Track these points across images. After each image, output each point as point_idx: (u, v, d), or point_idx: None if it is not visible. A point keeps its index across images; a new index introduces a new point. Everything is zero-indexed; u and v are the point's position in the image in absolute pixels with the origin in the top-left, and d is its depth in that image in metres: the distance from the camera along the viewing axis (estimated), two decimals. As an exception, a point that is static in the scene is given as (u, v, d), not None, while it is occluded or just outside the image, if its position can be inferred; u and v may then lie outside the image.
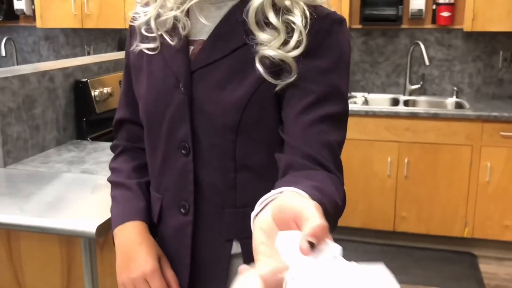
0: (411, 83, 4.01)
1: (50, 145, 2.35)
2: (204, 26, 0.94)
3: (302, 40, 0.86)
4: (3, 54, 4.40)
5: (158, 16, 0.95)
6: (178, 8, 0.92)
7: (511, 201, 3.40)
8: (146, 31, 0.97)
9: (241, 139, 0.92)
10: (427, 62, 3.76)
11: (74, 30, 4.62)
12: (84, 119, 2.51)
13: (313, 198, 0.62)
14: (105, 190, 1.80)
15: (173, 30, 0.95)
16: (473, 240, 3.52)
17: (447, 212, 3.50)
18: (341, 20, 0.91)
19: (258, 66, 0.87)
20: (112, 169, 1.16)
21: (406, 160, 3.49)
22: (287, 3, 0.87)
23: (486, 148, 3.37)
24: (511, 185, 3.38)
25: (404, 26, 3.97)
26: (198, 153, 0.95)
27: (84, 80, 2.49)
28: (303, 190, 0.64)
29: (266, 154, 0.93)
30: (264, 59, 0.87)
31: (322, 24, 0.88)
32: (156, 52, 0.98)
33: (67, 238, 1.65)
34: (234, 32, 0.91)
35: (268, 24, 0.87)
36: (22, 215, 1.58)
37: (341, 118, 0.89)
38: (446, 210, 3.50)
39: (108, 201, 1.17)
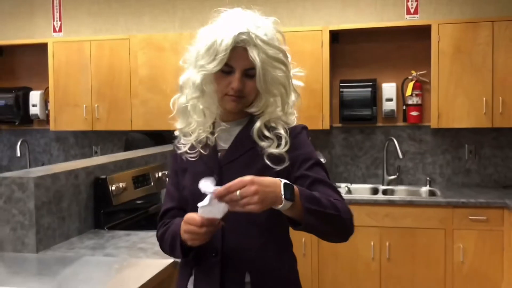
0: (389, 174, 4.44)
1: (73, 234, 2.68)
2: (225, 141, 1.53)
3: (287, 142, 1.46)
4: (18, 154, 4.80)
5: (197, 139, 1.53)
6: (207, 132, 1.53)
7: (485, 279, 3.70)
8: (189, 149, 1.55)
9: None
10: (400, 156, 4.21)
11: (83, 132, 5.06)
12: (102, 210, 2.85)
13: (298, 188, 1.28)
14: (128, 270, 2.12)
15: (206, 145, 1.53)
16: (454, 318, 3.78)
17: (428, 292, 3.78)
18: (303, 127, 1.54)
19: (266, 160, 1.44)
20: (161, 231, 1.57)
21: (387, 244, 3.82)
22: (273, 124, 1.49)
23: (458, 231, 3.73)
24: (483, 264, 3.70)
25: (379, 124, 4.46)
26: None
27: (103, 177, 2.86)
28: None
29: (269, 213, 1.31)
30: (269, 155, 1.44)
31: (295, 131, 1.50)
32: (196, 158, 1.53)
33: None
34: (244, 142, 1.50)
35: (265, 136, 1.47)
36: (61, 290, 1.89)
37: (325, 171, 1.47)
38: (426, 289, 3.78)
39: (132, 277, 1.50)
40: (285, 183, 1.25)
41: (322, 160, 4.23)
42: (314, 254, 3.92)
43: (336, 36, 4.47)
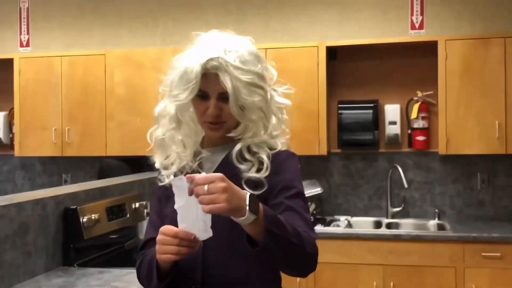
0: (393, 206, 4.50)
1: (39, 271, 2.69)
2: (208, 170, 1.60)
3: (267, 167, 1.53)
4: (-22, 183, 4.82)
5: (179, 169, 1.60)
6: (189, 160, 1.61)
7: (501, 324, 3.74)
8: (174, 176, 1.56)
9: (234, 228, 1.37)
10: (405, 185, 4.28)
11: (52, 158, 5.10)
12: (72, 245, 2.87)
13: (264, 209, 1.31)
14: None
15: (188, 173, 1.56)
16: None
17: (438, 338, 3.80)
18: (293, 154, 1.62)
19: (244, 185, 1.48)
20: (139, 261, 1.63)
21: (391, 284, 3.85)
22: (255, 149, 1.56)
23: (470, 270, 3.77)
24: (499, 307, 3.74)
25: (381, 150, 4.54)
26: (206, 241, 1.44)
27: (73, 207, 2.89)
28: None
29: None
30: (247, 180, 1.51)
31: (278, 157, 1.57)
32: None
33: None
34: (226, 169, 1.50)
35: (245, 159, 1.54)
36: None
37: (305, 203, 1.55)
38: (436, 335, 3.81)
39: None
40: (250, 195, 1.30)
41: (319, 190, 4.32)
42: (310, 295, 3.94)
43: (333, 53, 4.58)
